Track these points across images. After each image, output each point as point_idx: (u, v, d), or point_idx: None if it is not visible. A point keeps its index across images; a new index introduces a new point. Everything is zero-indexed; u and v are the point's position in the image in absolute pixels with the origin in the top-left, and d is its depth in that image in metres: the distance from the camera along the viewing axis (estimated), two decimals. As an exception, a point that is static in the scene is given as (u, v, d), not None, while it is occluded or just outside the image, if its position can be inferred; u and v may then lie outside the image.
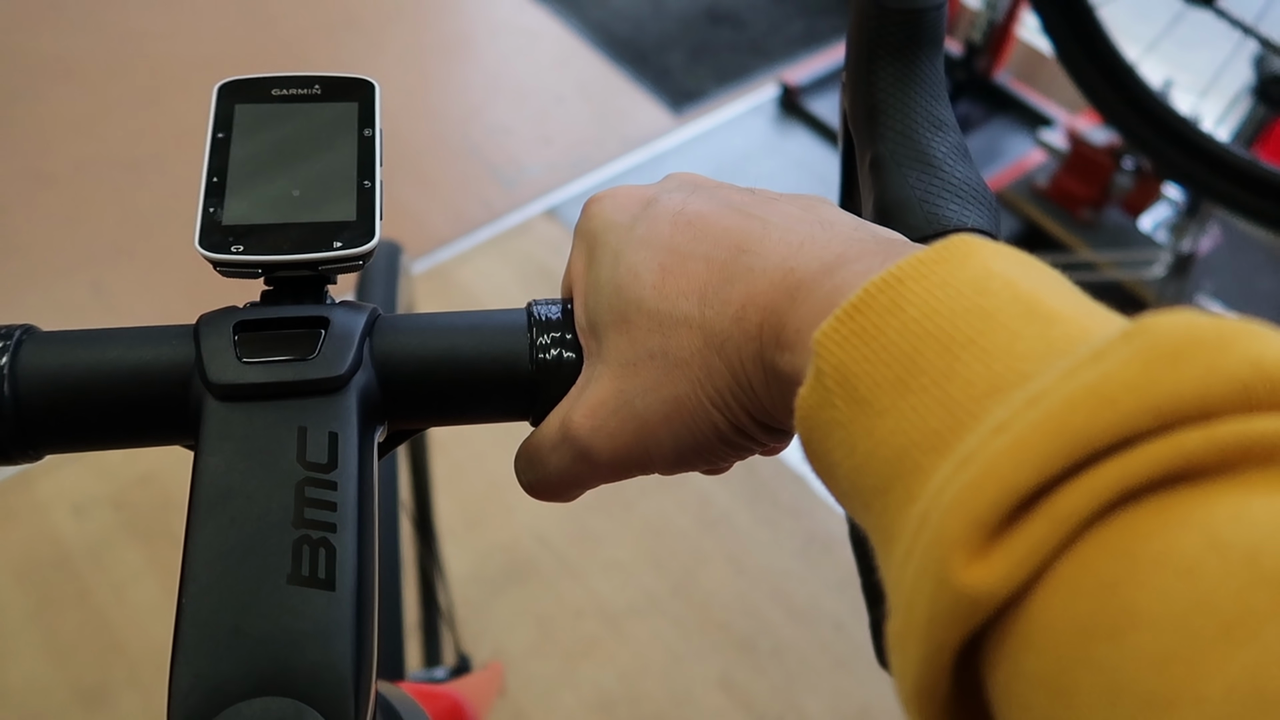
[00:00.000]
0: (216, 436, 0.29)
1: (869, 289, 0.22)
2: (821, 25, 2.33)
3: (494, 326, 0.33)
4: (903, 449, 0.20)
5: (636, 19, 2.30)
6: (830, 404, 0.22)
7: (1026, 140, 2.01)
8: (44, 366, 0.30)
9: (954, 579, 0.18)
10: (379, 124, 0.35)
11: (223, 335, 0.30)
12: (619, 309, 0.30)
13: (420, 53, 2.18)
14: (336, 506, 0.28)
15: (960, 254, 0.22)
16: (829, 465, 0.23)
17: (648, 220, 0.31)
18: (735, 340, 0.28)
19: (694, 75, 2.18)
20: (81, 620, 1.31)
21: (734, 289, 0.28)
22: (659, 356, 0.29)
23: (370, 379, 0.31)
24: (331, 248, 0.32)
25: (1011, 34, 2.05)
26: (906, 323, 0.21)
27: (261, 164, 0.34)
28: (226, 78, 0.36)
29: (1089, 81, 1.20)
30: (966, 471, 0.18)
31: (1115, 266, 1.72)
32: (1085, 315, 0.20)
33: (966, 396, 0.20)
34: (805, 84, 2.08)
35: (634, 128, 2.06)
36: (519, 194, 1.90)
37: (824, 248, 0.27)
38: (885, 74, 0.40)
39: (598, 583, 1.38)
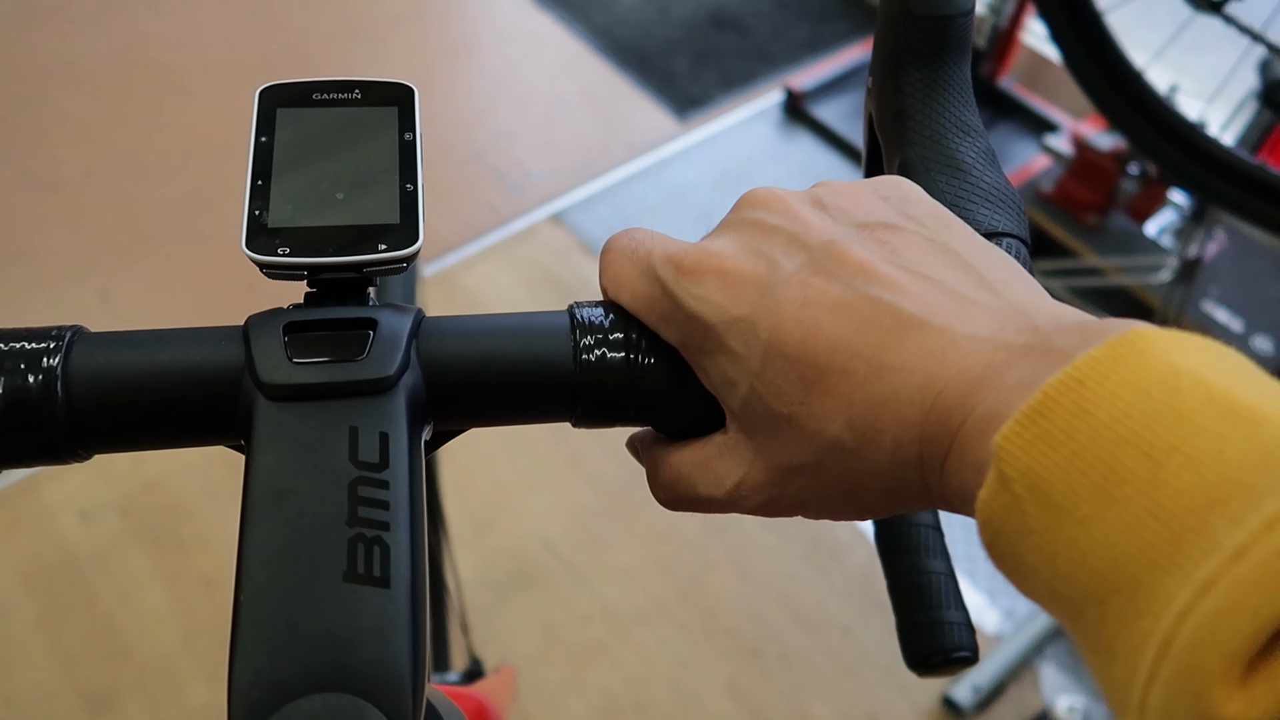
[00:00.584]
0: (269, 436, 0.29)
1: (1049, 391, 0.22)
2: (826, 31, 2.33)
3: (537, 329, 0.33)
4: (1116, 562, 0.20)
5: (641, 25, 2.31)
6: (1019, 510, 0.22)
7: (1031, 146, 2.01)
8: (95, 367, 0.30)
9: (1214, 711, 0.17)
10: (419, 128, 0.35)
11: (273, 336, 0.31)
12: (766, 419, 0.30)
13: (425, 58, 2.19)
14: (389, 505, 0.28)
15: (1139, 350, 0.22)
16: (1021, 568, 0.23)
17: (772, 318, 0.29)
18: (894, 470, 0.28)
19: (699, 81, 2.19)
20: (88, 626, 1.31)
21: (883, 415, 0.27)
22: (811, 470, 0.29)
23: (417, 380, 0.31)
24: (376, 250, 0.32)
25: (1016, 40, 2.05)
26: (1096, 427, 0.21)
27: (304, 167, 0.34)
28: (269, 81, 0.36)
29: (1096, 87, 1.20)
30: (1212, 599, 0.18)
31: (1121, 272, 1.72)
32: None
33: (1181, 509, 0.19)
34: (810, 89, 2.09)
35: (639, 133, 2.06)
36: (525, 200, 1.91)
37: (967, 353, 0.26)
38: (913, 80, 0.40)
39: (605, 589, 1.38)
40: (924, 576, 0.39)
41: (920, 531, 0.40)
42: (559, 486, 1.48)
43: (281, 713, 0.25)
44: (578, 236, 1.84)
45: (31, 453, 0.31)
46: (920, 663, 0.38)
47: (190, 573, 1.37)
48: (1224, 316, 1.64)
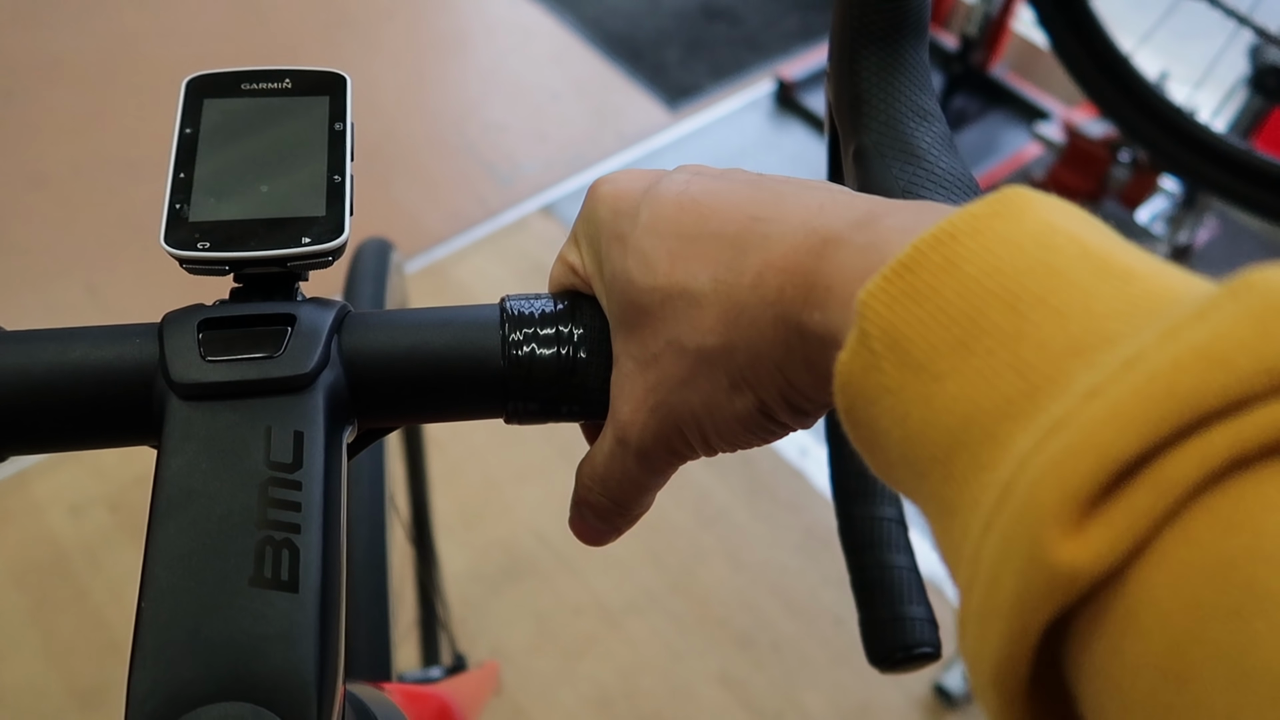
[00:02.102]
0: (180, 436, 0.28)
1: (919, 245, 0.21)
2: (817, 20, 2.32)
3: (465, 322, 0.32)
4: (968, 415, 0.19)
5: (632, 15, 2.30)
6: (877, 368, 0.21)
7: (1023, 134, 2.01)
8: (3, 367, 0.30)
9: (1048, 554, 0.16)
10: (350, 118, 0.34)
11: (187, 333, 0.30)
12: (634, 301, 0.29)
13: (415, 50, 2.18)
14: (301, 507, 0.27)
15: (1017, 207, 0.21)
16: (874, 434, 0.22)
17: (650, 205, 0.30)
18: (752, 308, 0.26)
19: (690, 71, 2.18)
20: (78, 621, 1.31)
21: (749, 258, 0.26)
22: (675, 345, 0.28)
23: (338, 377, 0.31)
24: (300, 244, 0.31)
25: (1007, 28, 2.04)
26: (965, 281, 0.20)
27: (230, 160, 0.33)
28: (194, 73, 0.35)
29: (1085, 74, 1.20)
30: (1059, 439, 0.17)
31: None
32: (1162, 272, 0.19)
33: (1041, 359, 0.18)
34: (801, 79, 2.08)
35: (630, 124, 2.05)
36: (515, 191, 1.90)
37: (848, 207, 0.26)
38: (869, 63, 0.39)
39: (596, 580, 1.38)
40: (887, 571, 0.39)
41: (884, 526, 0.40)
42: (550, 478, 1.48)
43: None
44: (568, 228, 1.83)
45: None
46: (883, 659, 0.38)
47: (181, 567, 1.36)
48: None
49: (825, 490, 1.50)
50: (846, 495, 0.41)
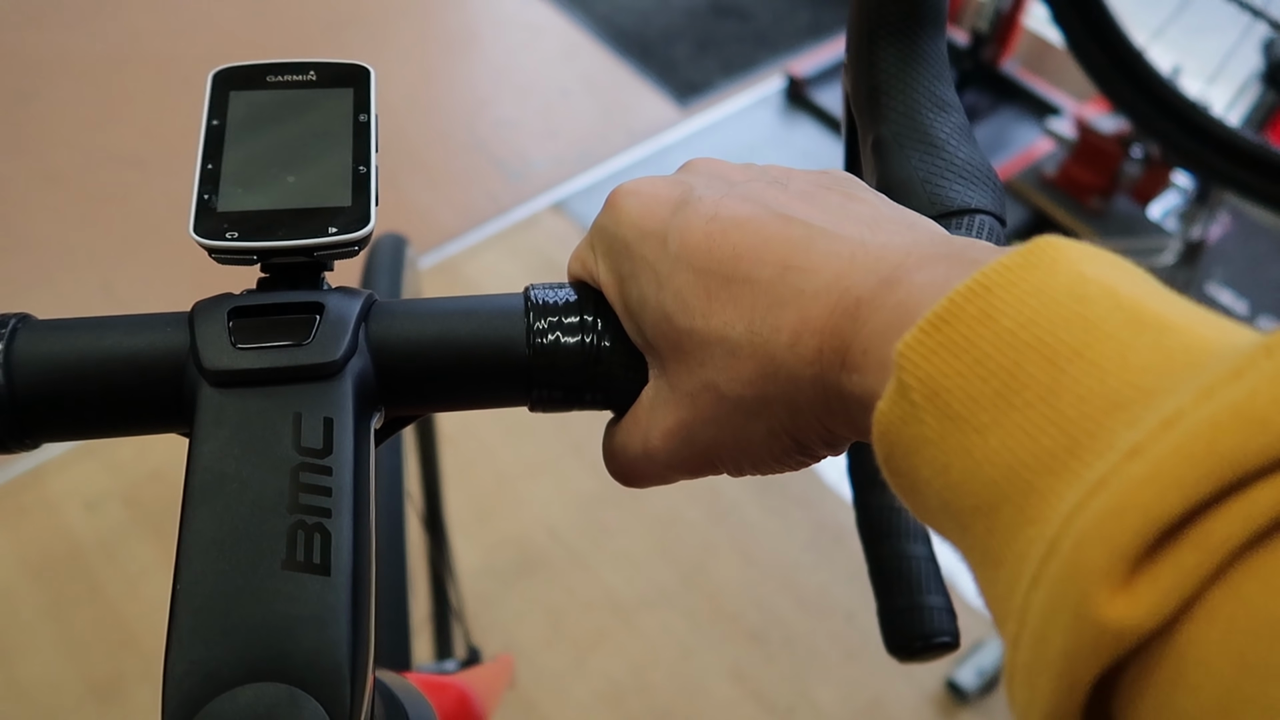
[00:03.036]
0: (211, 423, 0.29)
1: (955, 299, 0.21)
2: (827, 16, 2.32)
3: (490, 311, 0.33)
4: (1011, 469, 0.19)
5: (641, 11, 2.30)
6: (917, 420, 0.21)
7: (1034, 129, 2.00)
8: (38, 354, 0.30)
9: (1096, 612, 0.16)
10: (374, 109, 0.35)
11: (217, 321, 0.30)
12: (672, 337, 0.30)
13: (425, 47, 2.18)
14: (331, 492, 0.27)
15: (1049, 258, 0.21)
16: (914, 482, 0.22)
17: (679, 232, 0.29)
18: (790, 367, 0.27)
19: (699, 67, 2.18)
20: (94, 615, 1.32)
21: (785, 314, 0.27)
22: (713, 390, 0.29)
23: (366, 364, 0.31)
24: (327, 233, 0.32)
25: (1018, 23, 2.04)
26: (1001, 334, 0.20)
27: (256, 151, 0.33)
28: (214, 67, 0.36)
29: (1098, 68, 1.20)
30: (1102, 498, 0.17)
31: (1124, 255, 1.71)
32: (1197, 323, 0.19)
33: (1081, 414, 0.19)
34: (811, 75, 2.08)
35: (639, 121, 2.06)
36: (525, 188, 1.90)
37: (878, 258, 0.26)
38: (887, 54, 0.39)
39: (608, 575, 1.38)
40: (905, 561, 0.39)
41: (902, 516, 0.40)
42: (561, 473, 1.48)
43: (215, 702, 0.24)
44: (579, 225, 1.84)
45: None
46: (901, 648, 0.38)
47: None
48: (1228, 299, 1.63)
49: (836, 486, 1.50)
50: (863, 485, 0.41)
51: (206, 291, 0.34)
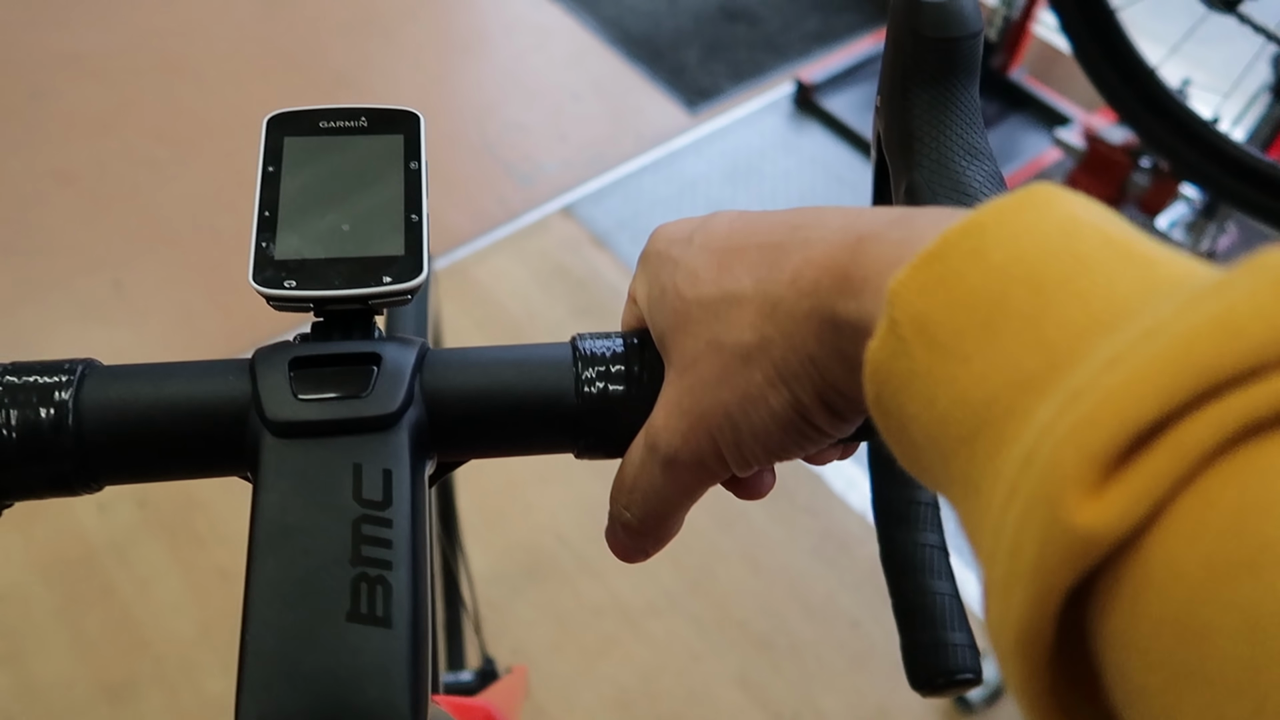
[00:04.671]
0: (274, 473, 0.29)
1: (949, 235, 0.21)
2: (836, 22, 2.33)
3: (540, 361, 0.34)
4: (993, 393, 0.19)
5: (652, 15, 2.30)
6: (906, 354, 0.21)
7: (1043, 138, 2.01)
8: (105, 401, 0.31)
9: (1069, 517, 0.16)
10: (424, 156, 0.36)
11: (279, 372, 0.31)
12: (679, 309, 0.30)
13: (436, 49, 2.19)
14: (392, 544, 0.28)
15: (1043, 200, 0.21)
16: (902, 421, 0.22)
17: (704, 230, 0.32)
18: (788, 301, 0.27)
19: (709, 72, 2.18)
20: (106, 616, 1.33)
21: (790, 258, 0.28)
22: (714, 343, 0.29)
23: (421, 414, 0.32)
24: (381, 282, 0.32)
25: (1028, 31, 2.04)
26: (991, 268, 0.21)
27: (311, 198, 0.34)
28: (276, 110, 0.36)
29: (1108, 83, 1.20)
30: (1079, 407, 0.17)
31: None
32: (1183, 261, 0.20)
33: (1063, 336, 0.19)
34: (820, 81, 2.08)
35: (649, 125, 2.06)
36: (535, 192, 1.91)
37: (884, 212, 0.27)
38: (921, 101, 0.40)
39: (617, 581, 1.39)
40: (929, 597, 0.39)
41: (926, 551, 0.41)
42: (571, 480, 1.49)
43: None
44: (588, 229, 1.85)
45: (44, 484, 0.31)
46: (925, 684, 0.39)
47: (207, 564, 1.38)
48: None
49: (843, 494, 1.51)
50: (889, 520, 0.42)
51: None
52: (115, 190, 1.84)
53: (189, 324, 1.66)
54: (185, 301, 1.69)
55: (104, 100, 1.99)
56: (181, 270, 1.73)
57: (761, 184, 1.96)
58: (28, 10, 2.14)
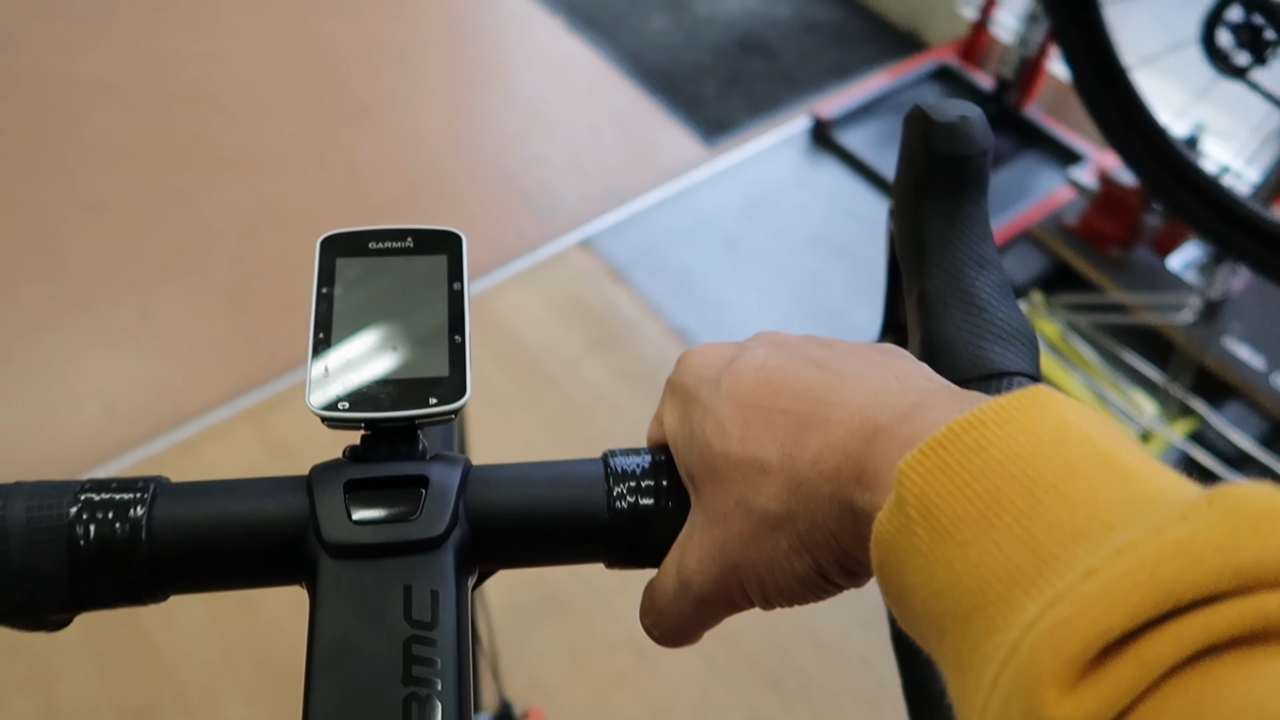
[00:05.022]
0: (331, 592, 0.32)
1: (953, 427, 0.24)
2: (853, 55, 2.35)
3: (575, 479, 0.36)
4: (986, 581, 0.22)
5: (670, 48, 2.33)
6: (910, 531, 0.24)
7: (1056, 176, 2.03)
8: (176, 518, 0.33)
9: (1045, 711, 0.19)
10: (466, 276, 0.38)
11: (334, 494, 0.33)
12: (709, 462, 0.33)
13: (457, 80, 2.22)
14: (439, 663, 0.30)
15: (1039, 404, 0.24)
16: (903, 590, 0.25)
17: (730, 375, 0.34)
18: (812, 483, 0.30)
19: (726, 105, 2.21)
20: (130, 642, 1.36)
21: (812, 437, 0.30)
22: (744, 506, 0.32)
23: (465, 533, 0.34)
24: (427, 404, 0.34)
25: (1042, 69, 2.06)
26: (990, 463, 0.23)
27: (362, 320, 0.36)
28: (328, 231, 0.38)
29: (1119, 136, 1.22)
30: (1058, 610, 0.20)
31: (1145, 310, 1.73)
32: (1158, 474, 0.22)
33: (1051, 539, 0.21)
34: (837, 117, 2.11)
35: (666, 159, 2.09)
36: (553, 224, 1.94)
37: (899, 396, 0.29)
38: (932, 213, 0.42)
39: (630, 616, 1.41)
40: (939, 680, 0.41)
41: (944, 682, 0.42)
42: (585, 513, 1.51)
43: None
44: (605, 262, 1.87)
45: (116, 595, 0.34)
46: None
47: (228, 594, 1.41)
48: (1245, 354, 1.65)
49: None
50: (908, 651, 0.44)
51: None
52: (143, 218, 1.88)
53: (212, 351, 1.69)
54: (209, 329, 1.72)
55: (133, 129, 2.03)
56: (206, 298, 1.76)
57: (776, 218, 1.99)
58: (62, 39, 2.19)
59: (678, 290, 1.84)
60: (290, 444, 1.57)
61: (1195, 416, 1.66)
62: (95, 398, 1.62)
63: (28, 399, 1.60)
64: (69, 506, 0.33)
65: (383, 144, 2.06)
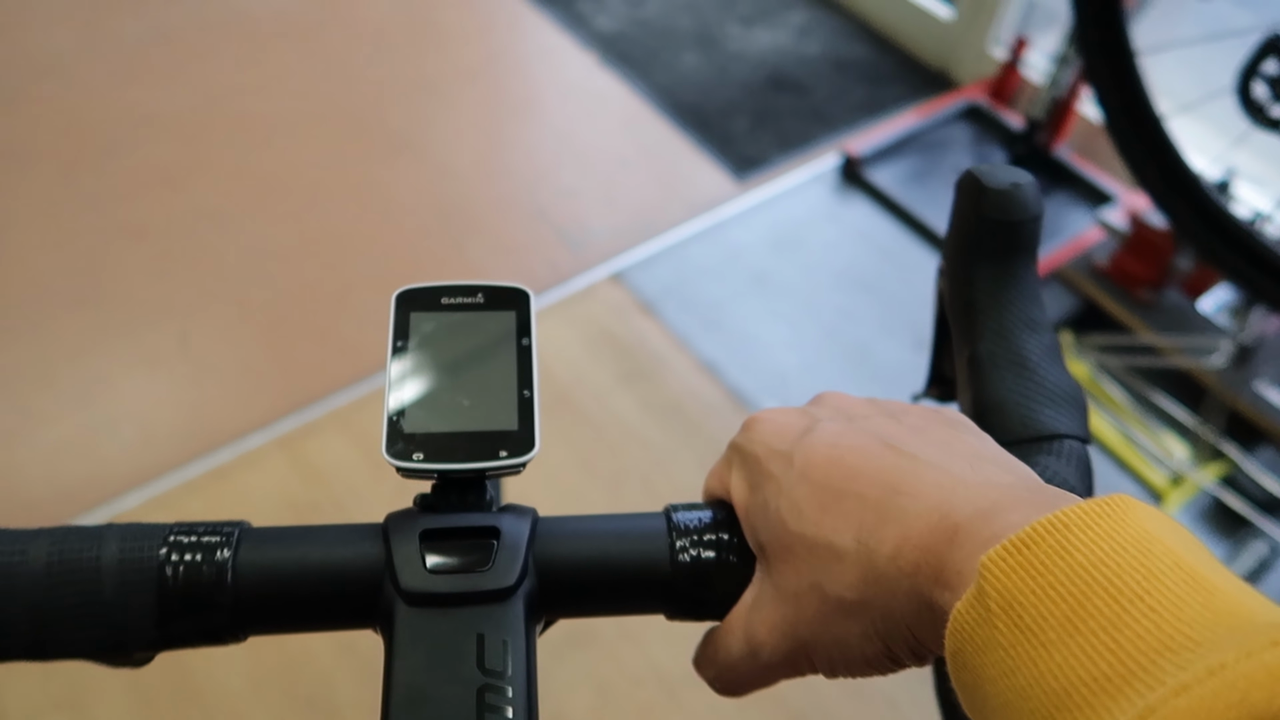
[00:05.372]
0: (407, 639, 0.33)
1: (1037, 528, 0.25)
2: (883, 93, 2.37)
3: (638, 533, 0.37)
4: (1072, 684, 0.23)
5: (702, 85, 2.36)
6: (990, 624, 0.25)
7: (1086, 216, 2.03)
8: (258, 562, 0.35)
9: None
10: (534, 332, 0.39)
11: (410, 543, 0.35)
12: (784, 540, 0.34)
13: (492, 113, 2.26)
14: (510, 712, 0.31)
15: (1121, 511, 0.25)
16: (978, 679, 0.25)
17: (804, 451, 0.34)
18: (890, 577, 0.30)
19: (756, 141, 2.23)
20: (163, 666, 1.38)
21: (889, 529, 0.30)
22: (819, 590, 0.32)
23: (533, 584, 0.35)
24: (497, 456, 0.36)
25: (1073, 110, 2.07)
26: (1075, 567, 0.24)
27: (435, 373, 0.38)
28: (403, 286, 0.40)
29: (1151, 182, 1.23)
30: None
31: (1176, 353, 1.72)
32: (1238, 590, 0.23)
33: (1137, 649, 0.22)
34: (867, 154, 2.12)
35: (697, 193, 2.11)
36: (584, 256, 1.96)
37: (978, 493, 0.30)
38: (983, 277, 0.43)
39: (656, 650, 1.41)
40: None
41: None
42: (613, 546, 1.52)
43: None
44: (636, 296, 1.89)
45: (199, 634, 0.35)
46: None
47: (260, 618, 1.42)
48: (1278, 398, 1.64)
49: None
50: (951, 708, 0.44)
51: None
52: (183, 245, 1.91)
53: (248, 378, 1.72)
54: (247, 356, 1.75)
55: (175, 157, 2.08)
56: (242, 325, 1.79)
57: (806, 254, 2.00)
58: (109, 71, 2.25)
59: (707, 324, 1.86)
60: (323, 471, 1.59)
61: (1226, 460, 1.65)
62: (132, 421, 1.64)
63: (67, 421, 1.63)
64: (159, 549, 0.35)
65: (418, 176, 2.09)
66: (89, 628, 0.33)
